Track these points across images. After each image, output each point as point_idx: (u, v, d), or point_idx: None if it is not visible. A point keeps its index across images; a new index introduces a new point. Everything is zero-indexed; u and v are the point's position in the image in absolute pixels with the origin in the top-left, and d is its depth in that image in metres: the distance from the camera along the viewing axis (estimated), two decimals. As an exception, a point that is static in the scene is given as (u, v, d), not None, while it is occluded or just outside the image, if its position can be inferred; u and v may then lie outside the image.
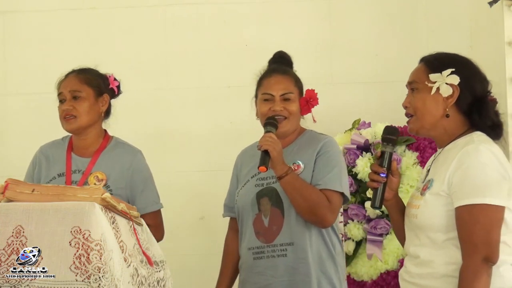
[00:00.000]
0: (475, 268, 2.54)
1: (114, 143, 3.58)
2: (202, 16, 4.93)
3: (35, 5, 4.95)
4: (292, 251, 3.31)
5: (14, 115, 4.96)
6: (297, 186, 3.27)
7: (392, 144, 2.76)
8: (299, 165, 3.37)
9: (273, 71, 3.49)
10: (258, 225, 3.37)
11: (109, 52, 4.84)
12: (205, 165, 4.86)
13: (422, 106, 2.72)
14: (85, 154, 3.54)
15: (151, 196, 3.54)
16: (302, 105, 3.42)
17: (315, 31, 4.88)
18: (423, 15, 4.86)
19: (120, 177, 3.48)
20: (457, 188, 2.60)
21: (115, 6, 4.94)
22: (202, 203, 4.85)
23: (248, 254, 3.39)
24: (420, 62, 2.81)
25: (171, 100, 4.90)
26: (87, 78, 3.56)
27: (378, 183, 2.73)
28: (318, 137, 3.44)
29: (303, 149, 3.40)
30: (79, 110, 3.50)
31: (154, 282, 2.86)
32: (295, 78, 3.48)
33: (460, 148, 2.64)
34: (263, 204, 3.37)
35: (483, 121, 2.70)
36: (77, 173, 3.49)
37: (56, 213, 2.59)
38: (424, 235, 2.68)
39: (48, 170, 3.54)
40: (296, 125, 3.44)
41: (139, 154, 3.57)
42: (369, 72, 4.84)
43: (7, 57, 4.97)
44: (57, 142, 3.64)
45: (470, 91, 2.70)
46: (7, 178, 2.80)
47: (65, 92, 3.52)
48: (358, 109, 4.69)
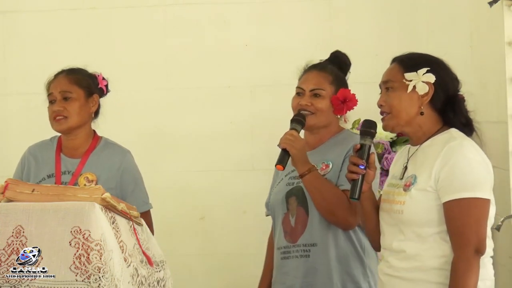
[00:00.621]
0: (468, 260, 2.62)
1: (104, 144, 3.57)
2: (202, 16, 4.93)
3: (35, 5, 4.95)
4: (315, 252, 3.26)
5: (14, 115, 4.96)
6: (317, 186, 3.23)
7: (370, 137, 2.86)
8: (328, 164, 3.32)
9: (312, 67, 3.44)
10: (286, 224, 3.34)
11: (109, 52, 4.84)
12: (205, 165, 4.86)
13: (398, 104, 2.81)
14: (74, 155, 3.53)
15: (141, 196, 3.52)
16: (335, 104, 3.36)
17: (315, 31, 4.87)
18: (423, 15, 4.86)
19: (110, 178, 3.46)
20: (445, 183, 2.67)
21: (115, 6, 4.94)
22: (202, 203, 4.85)
23: (277, 253, 3.37)
24: (392, 62, 2.90)
25: (171, 100, 4.89)
26: (77, 78, 3.54)
27: (358, 175, 2.79)
28: (352, 137, 3.37)
29: (335, 149, 3.35)
30: (69, 111, 3.48)
31: (154, 282, 2.86)
32: (334, 76, 3.41)
33: (442, 144, 2.73)
34: (291, 203, 3.33)
35: (457, 118, 2.80)
36: (66, 174, 3.47)
37: (56, 213, 2.59)
38: (409, 230, 2.73)
39: (37, 171, 3.52)
40: (325, 122, 3.37)
41: (128, 155, 3.56)
42: (369, 72, 4.83)
43: (7, 57, 4.97)
44: (46, 142, 3.62)
45: (443, 89, 2.80)
46: (7, 178, 2.80)
47: (55, 92, 3.51)
48: (358, 109, 4.68)
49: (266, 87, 4.86)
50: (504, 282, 4.10)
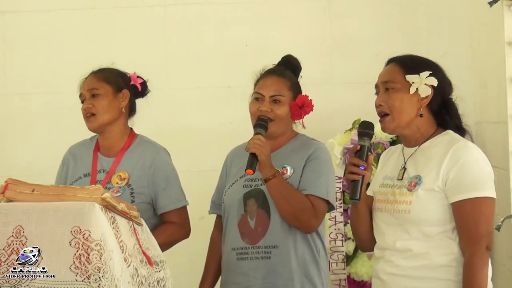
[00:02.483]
0: (482, 256, 2.70)
1: (139, 141, 3.57)
2: (202, 16, 4.93)
3: (35, 5, 4.95)
4: (276, 254, 3.30)
5: (14, 115, 4.96)
6: (282, 190, 3.27)
7: (369, 138, 2.89)
8: (287, 169, 3.36)
9: (270, 72, 3.48)
10: (244, 226, 3.37)
11: (109, 52, 4.84)
12: (205, 165, 4.86)
13: (400, 105, 2.85)
14: (110, 153, 3.53)
15: (174, 193, 3.52)
16: (294, 110, 3.40)
17: (315, 31, 4.88)
18: (423, 15, 4.87)
19: (142, 176, 3.46)
20: (455, 183, 2.74)
21: (115, 6, 4.95)
22: (202, 203, 4.83)
23: (232, 254, 3.39)
24: (390, 62, 2.95)
25: (171, 100, 4.89)
26: (104, 75, 3.55)
27: (358, 175, 2.82)
28: (310, 142, 3.42)
29: (293, 154, 3.39)
30: (97, 107, 3.48)
31: (154, 282, 2.86)
32: (292, 82, 3.45)
33: (445, 145, 2.80)
34: (249, 205, 3.36)
35: (453, 120, 2.88)
36: (101, 172, 3.48)
37: (56, 213, 2.59)
38: (416, 229, 2.79)
39: (75, 169, 3.54)
40: (284, 128, 3.42)
41: (161, 152, 3.55)
42: (369, 72, 4.82)
43: (7, 57, 4.97)
44: (86, 142, 3.63)
45: (441, 93, 2.87)
46: (7, 178, 2.80)
47: (84, 92, 3.52)
48: (358, 109, 4.69)
49: (266, 87, 4.86)
50: (504, 282, 4.11)
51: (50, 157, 3.88)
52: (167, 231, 3.47)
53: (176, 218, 3.49)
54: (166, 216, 3.50)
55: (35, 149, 4.85)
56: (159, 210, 3.49)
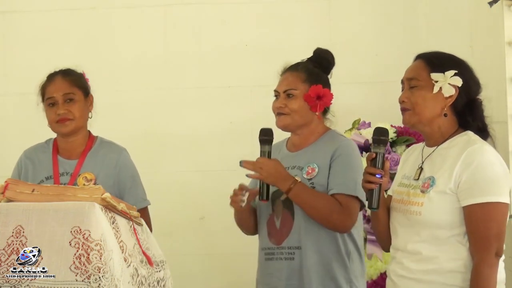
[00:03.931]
0: (491, 262, 2.64)
1: (99, 143, 3.57)
2: (202, 16, 4.93)
3: (35, 5, 4.95)
4: (299, 255, 3.26)
5: (14, 115, 4.95)
6: (304, 198, 3.22)
7: (383, 144, 2.80)
8: (314, 168, 3.30)
9: (286, 68, 3.43)
10: (271, 226, 3.34)
11: (109, 52, 4.84)
12: (205, 165, 4.86)
13: (422, 103, 2.78)
14: (71, 156, 3.53)
15: (139, 193, 3.53)
16: (309, 102, 3.33)
17: (315, 31, 4.87)
18: (423, 15, 4.86)
19: (108, 176, 3.47)
20: (467, 186, 2.67)
21: (115, 6, 4.95)
22: (202, 203, 4.85)
23: (261, 254, 3.38)
24: (417, 59, 2.87)
25: (171, 100, 4.90)
26: (75, 80, 3.54)
27: (376, 184, 2.76)
28: (336, 138, 3.35)
29: (320, 151, 3.32)
30: (74, 113, 3.48)
31: (154, 282, 2.86)
32: (307, 74, 3.37)
33: (461, 147, 2.72)
34: (277, 205, 3.32)
35: (475, 122, 2.80)
36: (65, 175, 3.48)
37: (56, 213, 2.59)
38: (427, 232, 2.73)
39: (34, 173, 3.52)
40: (301, 121, 3.35)
41: (124, 152, 3.56)
42: (369, 72, 4.84)
43: (7, 57, 4.97)
44: (41, 145, 3.62)
45: (466, 93, 2.79)
46: (7, 178, 2.80)
47: (57, 96, 3.49)
48: (358, 109, 4.69)
49: (266, 87, 4.83)
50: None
51: (50, 157, 3.87)
52: None
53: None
54: None
55: (35, 149, 4.85)
56: None
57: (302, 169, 3.31)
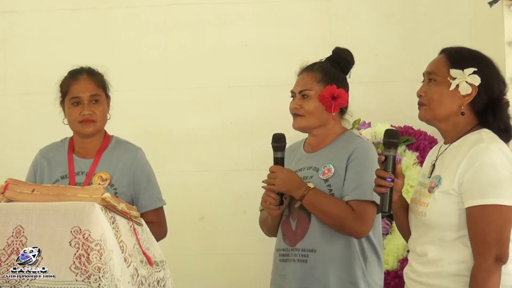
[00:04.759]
0: (488, 268, 2.55)
1: (115, 142, 3.57)
2: (202, 16, 4.93)
3: (35, 5, 4.95)
4: (313, 259, 3.22)
5: (14, 115, 4.96)
6: (317, 204, 3.20)
7: (394, 147, 2.73)
8: (330, 169, 3.27)
9: (304, 69, 3.40)
10: (286, 227, 3.31)
11: (109, 52, 4.84)
12: (205, 165, 4.86)
13: (438, 99, 2.70)
14: (86, 155, 3.53)
15: (154, 193, 3.53)
16: (324, 103, 3.29)
17: (315, 31, 4.87)
18: (423, 15, 4.87)
19: (123, 176, 3.47)
20: (469, 187, 2.59)
21: (115, 6, 4.94)
22: (202, 203, 4.85)
23: (276, 255, 3.35)
24: (441, 53, 2.78)
25: (171, 100, 4.90)
26: (100, 80, 3.55)
27: (386, 188, 2.70)
28: (352, 140, 3.31)
29: (337, 152, 3.29)
30: (98, 114, 3.48)
31: (154, 282, 2.86)
32: (323, 74, 3.33)
33: (469, 145, 2.64)
34: (293, 206, 3.29)
35: (496, 123, 2.69)
36: (80, 174, 3.48)
37: (56, 213, 2.59)
38: (433, 233, 2.67)
39: (50, 172, 3.52)
40: (317, 123, 3.31)
41: (140, 152, 3.57)
42: (369, 72, 4.84)
43: (7, 57, 4.97)
44: (57, 144, 3.62)
45: (487, 92, 2.69)
46: (7, 178, 2.80)
47: (84, 96, 3.47)
48: (358, 109, 4.68)
49: (266, 87, 4.86)
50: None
51: (50, 157, 3.88)
52: None
53: (155, 218, 3.48)
54: (145, 216, 3.47)
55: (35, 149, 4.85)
56: (140, 209, 3.47)
57: (318, 170, 3.29)
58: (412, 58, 4.74)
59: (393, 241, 4.27)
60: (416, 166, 4.32)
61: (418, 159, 4.36)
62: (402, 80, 4.68)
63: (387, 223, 4.28)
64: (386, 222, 4.28)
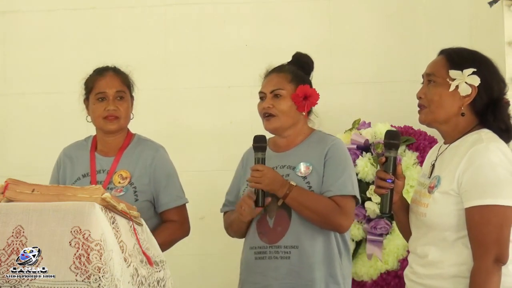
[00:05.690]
0: (487, 269, 2.54)
1: (136, 140, 3.57)
2: (202, 16, 4.94)
3: (35, 5, 4.95)
4: (296, 255, 3.27)
5: (14, 115, 4.96)
6: (301, 201, 3.24)
7: (395, 148, 2.74)
8: (308, 166, 3.32)
9: (271, 70, 3.46)
10: (262, 225, 3.34)
11: (109, 52, 4.84)
12: (205, 165, 4.86)
13: (438, 100, 2.69)
14: (108, 153, 3.53)
15: (175, 191, 3.52)
16: (297, 102, 3.35)
17: (315, 31, 4.88)
18: (423, 15, 4.87)
19: (143, 174, 3.47)
20: (467, 188, 2.59)
21: (115, 6, 4.95)
22: (202, 203, 4.84)
23: (250, 253, 3.37)
24: (440, 54, 2.78)
25: (171, 100, 4.90)
26: (125, 78, 3.57)
27: (386, 189, 2.71)
28: (326, 138, 3.38)
29: (310, 150, 3.35)
30: (122, 111, 3.50)
31: (154, 282, 2.86)
32: (293, 75, 3.39)
33: (468, 146, 2.63)
34: (270, 205, 3.31)
35: (496, 123, 2.68)
36: (101, 173, 3.48)
37: (56, 213, 2.59)
38: (433, 234, 2.67)
39: (72, 171, 3.53)
40: (290, 122, 3.37)
41: (161, 150, 3.56)
42: (369, 72, 4.85)
43: (7, 57, 4.97)
44: (80, 143, 3.62)
45: (487, 92, 2.68)
46: (7, 178, 2.80)
47: (109, 92, 3.48)
48: (358, 109, 4.69)
49: (266, 87, 4.86)
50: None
51: (50, 157, 3.87)
52: (169, 229, 3.48)
53: (176, 217, 3.49)
54: (167, 214, 3.50)
55: (35, 149, 4.85)
56: (160, 208, 3.49)
57: (294, 168, 3.33)
58: (412, 58, 4.74)
59: (393, 241, 4.27)
60: (416, 166, 4.32)
61: (418, 159, 4.36)
62: (402, 80, 4.69)
63: (387, 223, 4.28)
64: (386, 222, 4.29)
